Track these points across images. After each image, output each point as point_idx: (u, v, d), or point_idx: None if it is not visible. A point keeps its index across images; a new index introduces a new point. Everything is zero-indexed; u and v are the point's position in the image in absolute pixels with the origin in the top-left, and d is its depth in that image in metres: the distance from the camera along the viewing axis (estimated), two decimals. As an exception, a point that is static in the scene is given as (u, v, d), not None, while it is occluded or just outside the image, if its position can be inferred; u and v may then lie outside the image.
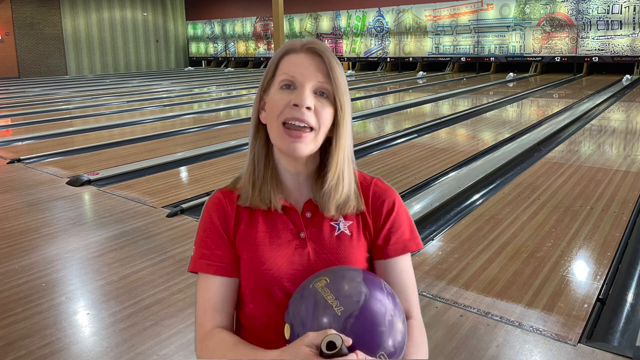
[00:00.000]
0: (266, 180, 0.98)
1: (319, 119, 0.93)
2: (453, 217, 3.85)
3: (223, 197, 1.04)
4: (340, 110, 0.95)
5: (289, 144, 0.92)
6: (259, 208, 1.00)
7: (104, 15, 24.23)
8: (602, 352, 2.08)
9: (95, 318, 2.48)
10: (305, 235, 0.98)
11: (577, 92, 12.15)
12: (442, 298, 2.52)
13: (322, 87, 0.94)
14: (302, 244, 0.98)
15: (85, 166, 5.48)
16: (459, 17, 18.45)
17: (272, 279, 0.96)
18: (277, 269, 0.96)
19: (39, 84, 17.56)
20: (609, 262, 2.90)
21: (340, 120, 0.95)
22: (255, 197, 0.98)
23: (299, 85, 0.93)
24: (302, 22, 22.99)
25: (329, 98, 0.95)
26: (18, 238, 3.50)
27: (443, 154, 5.71)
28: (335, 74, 0.94)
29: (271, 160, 1.00)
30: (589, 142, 6.57)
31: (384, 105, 10.87)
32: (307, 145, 0.93)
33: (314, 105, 0.92)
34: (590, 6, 15.80)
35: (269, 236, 0.98)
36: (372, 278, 0.92)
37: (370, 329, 0.85)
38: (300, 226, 0.99)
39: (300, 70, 0.93)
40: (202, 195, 4.33)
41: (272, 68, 0.98)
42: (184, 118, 9.50)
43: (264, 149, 1.00)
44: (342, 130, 0.96)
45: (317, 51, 0.96)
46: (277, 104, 0.93)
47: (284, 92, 0.94)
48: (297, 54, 0.96)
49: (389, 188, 1.05)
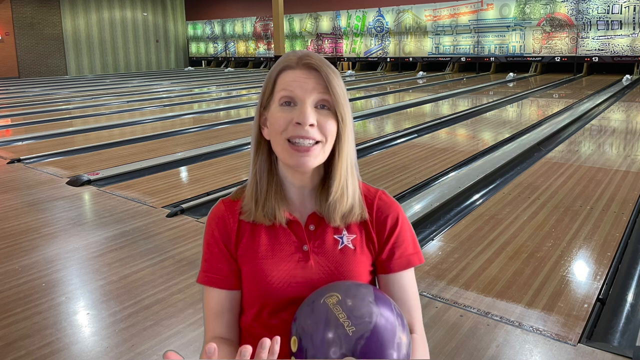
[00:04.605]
0: (270, 196, 0.98)
1: (323, 133, 0.94)
2: (453, 217, 3.85)
3: (225, 209, 1.02)
4: (342, 123, 0.95)
5: (297, 159, 0.93)
6: (262, 223, 1.00)
7: (104, 15, 24.23)
8: (602, 352, 2.08)
9: (95, 318, 2.48)
10: (308, 248, 0.98)
11: (577, 92, 12.15)
12: (442, 298, 2.52)
13: (322, 100, 0.94)
14: (305, 256, 0.98)
15: (85, 166, 5.48)
16: (459, 17, 18.45)
17: (274, 291, 0.96)
18: (279, 281, 0.96)
19: (39, 84, 17.56)
20: (609, 262, 2.90)
21: (342, 132, 0.96)
22: (259, 213, 0.98)
23: (299, 101, 0.93)
24: (302, 22, 22.99)
25: (331, 109, 0.95)
26: (18, 238, 3.50)
27: (443, 154, 5.71)
28: (334, 87, 0.94)
29: (275, 175, 1.00)
30: (589, 142, 6.57)
31: (384, 105, 10.86)
32: (316, 158, 0.94)
33: (316, 121, 0.93)
34: (590, 6, 15.80)
35: (271, 249, 0.98)
36: (383, 297, 0.92)
37: (380, 350, 0.86)
38: (304, 239, 0.99)
39: (299, 87, 0.93)
40: (202, 195, 4.33)
41: (270, 84, 0.98)
42: (184, 118, 9.50)
43: (267, 163, 1.00)
44: (344, 141, 0.97)
45: (313, 66, 0.95)
46: (280, 122, 0.93)
47: (284, 109, 0.94)
48: (294, 70, 0.95)
49: (394, 202, 1.05)
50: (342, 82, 0.98)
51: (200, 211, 3.96)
